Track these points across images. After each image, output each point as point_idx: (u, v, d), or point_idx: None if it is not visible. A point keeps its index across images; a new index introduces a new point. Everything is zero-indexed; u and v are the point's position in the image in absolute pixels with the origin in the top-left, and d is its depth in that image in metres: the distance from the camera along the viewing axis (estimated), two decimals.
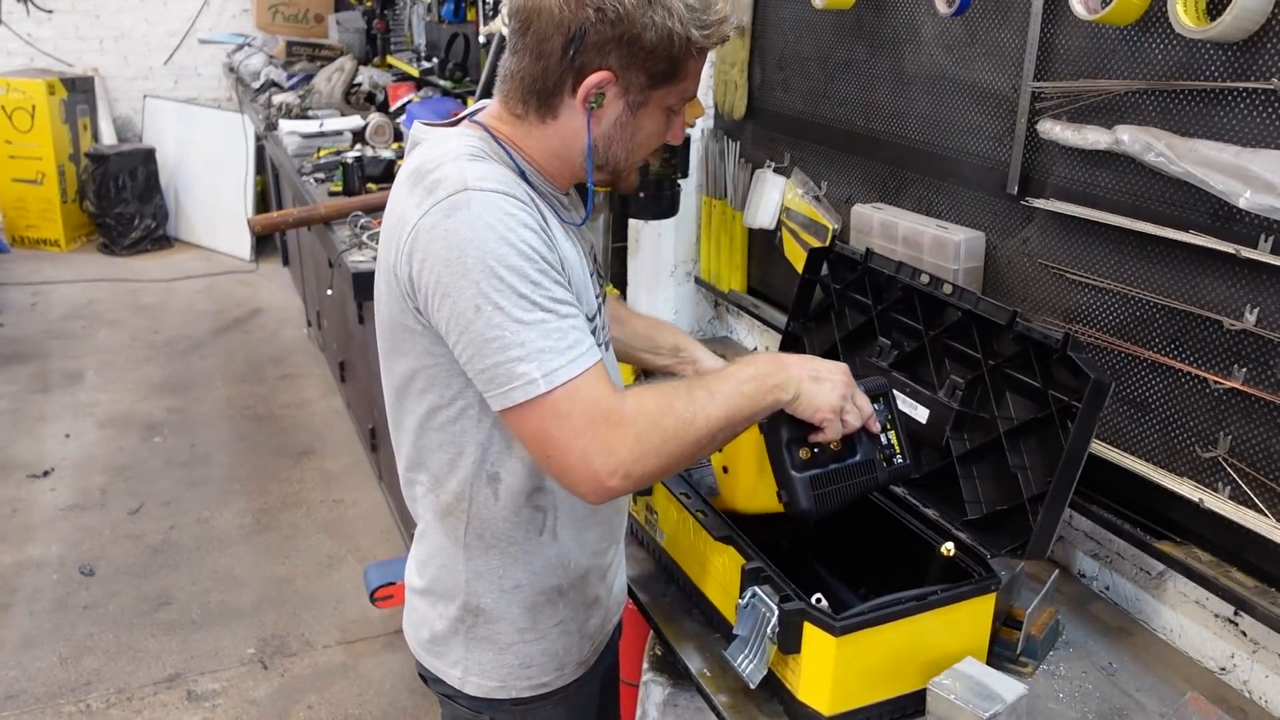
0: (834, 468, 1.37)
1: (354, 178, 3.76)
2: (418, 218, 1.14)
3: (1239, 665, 1.49)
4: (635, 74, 1.19)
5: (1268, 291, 1.37)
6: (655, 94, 1.22)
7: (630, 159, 1.29)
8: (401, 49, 5.57)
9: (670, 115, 1.27)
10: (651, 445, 1.15)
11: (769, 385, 1.26)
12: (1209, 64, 1.40)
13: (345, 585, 3.45)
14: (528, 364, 1.10)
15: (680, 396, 1.19)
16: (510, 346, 1.11)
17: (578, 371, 1.12)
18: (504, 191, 1.14)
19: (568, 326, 1.13)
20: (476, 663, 1.40)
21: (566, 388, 1.11)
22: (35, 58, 7.29)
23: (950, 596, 1.33)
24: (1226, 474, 1.45)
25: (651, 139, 1.28)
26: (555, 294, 1.14)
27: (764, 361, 1.29)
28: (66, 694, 2.95)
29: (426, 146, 1.25)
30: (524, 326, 1.11)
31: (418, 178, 1.18)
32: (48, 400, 4.86)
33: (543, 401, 1.11)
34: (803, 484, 1.35)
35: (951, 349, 1.65)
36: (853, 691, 1.32)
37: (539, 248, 1.14)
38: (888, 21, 2.02)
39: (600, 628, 1.48)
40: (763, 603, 1.32)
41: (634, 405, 1.15)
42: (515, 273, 1.11)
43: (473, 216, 1.11)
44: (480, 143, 1.23)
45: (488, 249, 1.10)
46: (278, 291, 6.40)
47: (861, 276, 1.80)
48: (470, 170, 1.16)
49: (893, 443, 1.43)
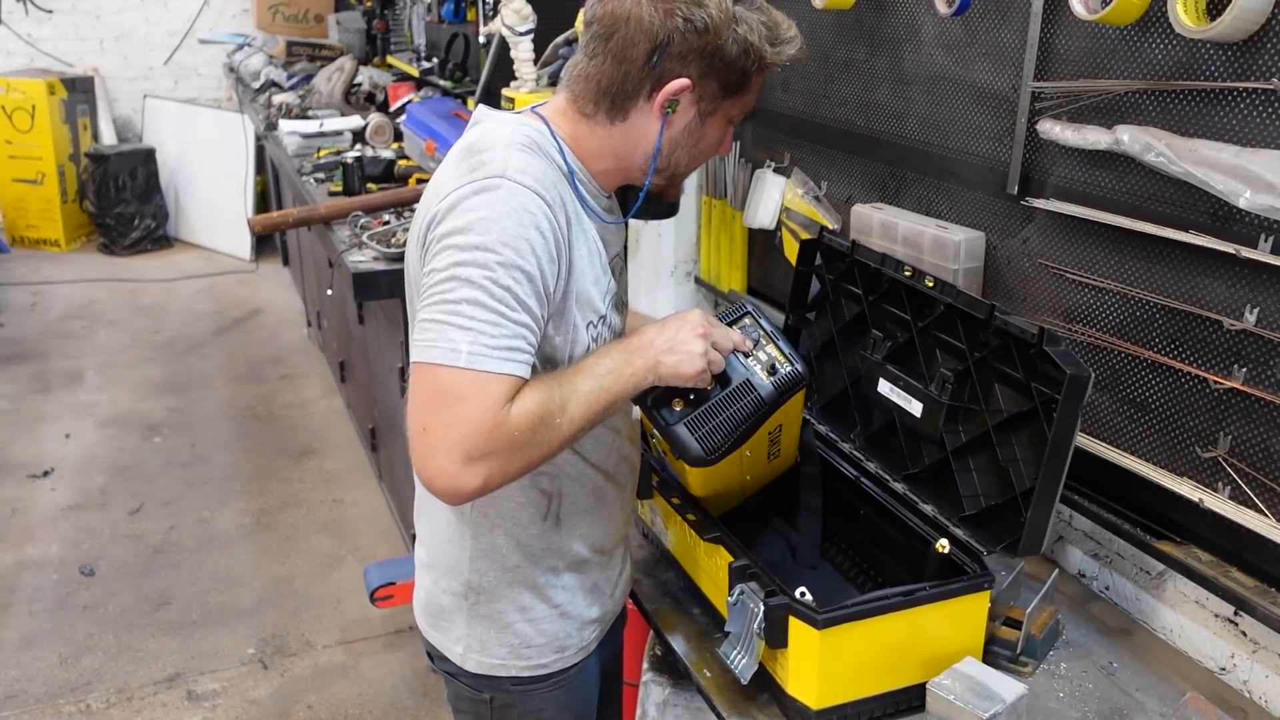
0: (709, 405, 1.35)
1: (354, 178, 3.76)
2: (455, 186, 1.19)
3: (1239, 665, 1.49)
4: (711, 84, 1.25)
5: (1268, 291, 1.37)
6: (724, 104, 1.28)
7: (690, 165, 1.34)
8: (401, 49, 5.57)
9: (729, 126, 1.33)
10: (521, 455, 1.18)
11: (625, 374, 1.27)
12: (1209, 64, 1.40)
13: (345, 585, 3.45)
14: (462, 334, 1.14)
15: (553, 399, 1.20)
16: (459, 315, 1.14)
17: (500, 370, 1.14)
18: (535, 190, 1.18)
19: (519, 331, 1.16)
20: (478, 640, 1.42)
21: (480, 376, 1.14)
22: (35, 58, 7.29)
23: (940, 593, 1.34)
24: (1226, 474, 1.45)
25: (711, 148, 1.34)
26: (528, 302, 1.17)
27: (618, 352, 1.28)
28: (66, 694, 2.95)
29: (485, 127, 1.29)
30: (480, 308, 1.14)
31: (468, 153, 1.24)
32: (48, 400, 4.86)
33: (452, 373, 1.13)
34: (682, 433, 1.34)
35: (940, 341, 1.64)
36: (841, 686, 1.32)
37: (539, 252, 1.17)
38: (888, 21, 2.02)
39: (602, 615, 1.50)
40: (750, 599, 1.32)
41: (518, 413, 1.17)
42: (502, 264, 1.15)
43: (497, 200, 1.17)
44: (536, 135, 1.27)
45: (493, 232, 1.15)
46: (278, 291, 6.40)
47: (851, 268, 1.80)
48: (515, 159, 1.20)
49: (774, 356, 1.40)
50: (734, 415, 1.36)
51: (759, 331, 1.41)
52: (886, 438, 1.74)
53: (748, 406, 1.37)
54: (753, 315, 1.42)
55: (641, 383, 1.29)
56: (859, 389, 1.80)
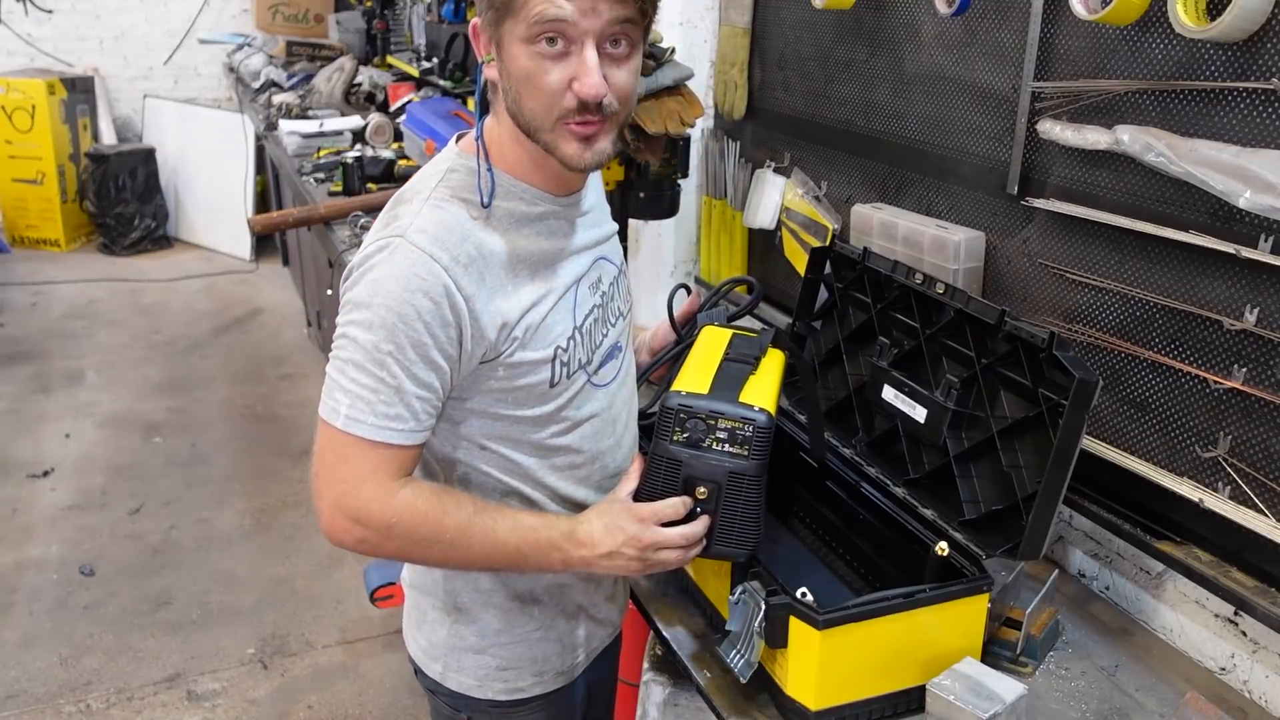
0: (718, 520, 1.30)
1: (354, 178, 3.76)
2: (370, 239, 1.21)
3: (1239, 665, 1.49)
4: (486, 14, 1.15)
5: (1268, 291, 1.37)
6: (504, 30, 1.13)
7: (534, 115, 1.15)
8: (401, 49, 5.57)
9: (531, 49, 1.11)
10: (395, 545, 1.21)
11: (552, 558, 1.25)
12: (1209, 64, 1.40)
13: (345, 585, 3.45)
14: (343, 395, 1.16)
15: (454, 520, 1.20)
16: (344, 375, 1.17)
17: (375, 438, 1.16)
18: (430, 252, 1.15)
19: (400, 398, 1.16)
20: (456, 660, 1.40)
21: (357, 439, 1.16)
22: (35, 58, 7.29)
23: (939, 595, 1.33)
24: (1226, 474, 1.45)
25: (532, 81, 1.12)
26: (412, 369, 1.16)
27: (559, 533, 1.25)
28: (66, 694, 2.95)
29: (423, 169, 1.29)
30: (361, 371, 1.15)
31: (395, 202, 1.24)
32: (48, 400, 4.86)
33: (334, 432, 1.17)
34: (718, 552, 1.32)
35: (948, 348, 1.65)
36: (840, 687, 1.32)
37: (427, 318, 1.15)
38: (888, 21, 2.02)
39: (587, 639, 1.47)
40: (751, 598, 1.32)
41: (403, 505, 1.18)
42: (385, 328, 1.14)
43: (389, 263, 1.16)
44: (462, 175, 1.23)
45: (381, 295, 1.15)
46: (278, 291, 6.40)
47: (860, 275, 1.81)
48: (421, 217, 1.18)
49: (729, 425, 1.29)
50: (746, 508, 1.31)
51: (696, 420, 1.29)
52: (889, 444, 1.74)
53: (749, 493, 1.31)
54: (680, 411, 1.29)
55: (553, 570, 1.29)
56: (863, 395, 1.80)
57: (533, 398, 1.26)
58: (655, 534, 1.26)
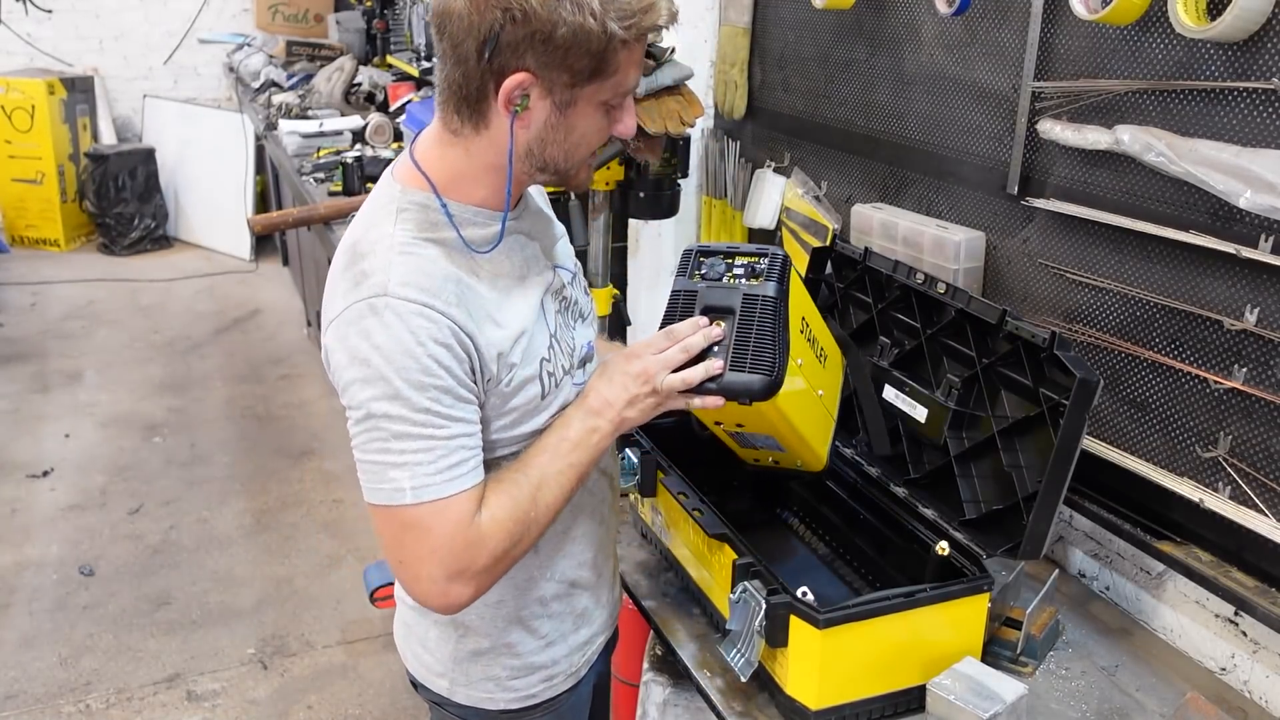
0: (734, 339, 1.29)
1: (354, 178, 3.76)
2: (344, 305, 1.14)
3: (1239, 665, 1.49)
4: (556, 73, 1.12)
5: (1268, 291, 1.37)
6: (583, 92, 1.14)
7: (570, 159, 1.21)
8: (401, 49, 5.56)
9: (610, 111, 1.18)
10: (503, 559, 1.18)
11: (592, 443, 1.25)
12: (1209, 64, 1.40)
13: (345, 585, 3.45)
14: (400, 471, 1.12)
15: (522, 496, 1.19)
16: (390, 452, 1.12)
17: (450, 492, 1.13)
18: (423, 302, 1.11)
19: (455, 445, 1.13)
20: (464, 674, 1.39)
21: (434, 505, 1.12)
22: (35, 57, 7.29)
23: (939, 595, 1.34)
24: (1226, 474, 1.45)
25: (589, 137, 1.20)
26: (452, 412, 1.13)
27: (579, 420, 1.25)
28: (66, 694, 2.94)
29: (367, 216, 1.22)
30: (409, 439, 1.11)
31: (353, 258, 1.17)
32: (48, 400, 4.85)
33: (406, 512, 1.12)
34: (735, 378, 1.28)
35: (948, 348, 1.65)
36: (840, 686, 1.32)
37: (445, 361, 1.12)
38: (888, 21, 2.02)
39: (590, 639, 1.47)
40: (752, 597, 1.32)
41: (490, 526, 1.16)
42: (416, 388, 1.10)
43: (386, 327, 1.11)
44: (415, 213, 1.18)
45: (395, 361, 1.10)
46: (278, 291, 6.39)
47: (861, 275, 1.81)
48: (397, 269, 1.13)
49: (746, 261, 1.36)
50: (761, 328, 1.30)
51: (714, 258, 1.36)
52: (890, 444, 1.74)
53: (765, 313, 1.30)
54: (699, 253, 1.38)
55: (607, 445, 1.27)
56: None
57: (529, 414, 1.25)
58: (654, 360, 1.27)
